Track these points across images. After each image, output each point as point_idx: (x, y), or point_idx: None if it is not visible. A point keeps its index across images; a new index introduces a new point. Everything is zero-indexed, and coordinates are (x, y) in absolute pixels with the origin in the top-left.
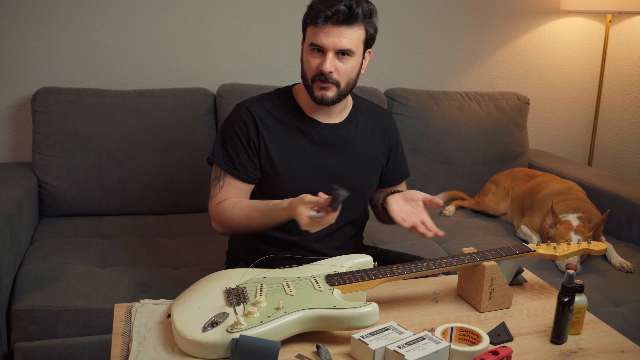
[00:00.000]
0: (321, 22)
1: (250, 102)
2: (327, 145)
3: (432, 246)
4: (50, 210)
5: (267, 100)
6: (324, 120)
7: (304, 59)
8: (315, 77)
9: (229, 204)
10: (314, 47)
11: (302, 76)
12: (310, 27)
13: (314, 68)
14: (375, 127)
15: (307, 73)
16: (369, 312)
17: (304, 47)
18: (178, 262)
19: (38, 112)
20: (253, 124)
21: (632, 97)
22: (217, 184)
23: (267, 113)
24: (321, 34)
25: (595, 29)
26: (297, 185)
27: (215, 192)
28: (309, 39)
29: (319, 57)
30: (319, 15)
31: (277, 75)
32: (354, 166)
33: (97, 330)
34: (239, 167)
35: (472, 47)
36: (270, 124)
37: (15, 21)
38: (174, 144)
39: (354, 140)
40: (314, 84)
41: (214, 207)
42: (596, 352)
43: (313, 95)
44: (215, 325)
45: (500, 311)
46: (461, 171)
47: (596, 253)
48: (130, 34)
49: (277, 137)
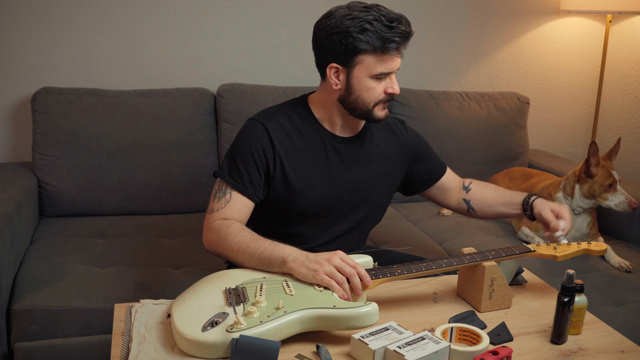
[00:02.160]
0: (394, 51)
1: (265, 118)
2: (342, 159)
3: (432, 246)
4: (50, 210)
5: (282, 114)
6: (340, 133)
7: (364, 87)
8: (380, 101)
9: (237, 225)
10: (382, 75)
11: (355, 102)
12: (371, 56)
13: (379, 93)
14: (389, 138)
15: (369, 100)
16: (368, 312)
17: (358, 76)
18: (178, 262)
19: (38, 112)
20: (269, 143)
21: (632, 97)
22: (222, 198)
23: (283, 130)
24: (389, 62)
25: (595, 29)
26: (312, 201)
27: (218, 206)
28: (372, 69)
29: (382, 82)
30: (390, 45)
31: (277, 75)
32: (368, 179)
33: (97, 330)
34: (248, 183)
35: (472, 47)
36: (286, 141)
37: (15, 21)
38: (174, 144)
39: (369, 153)
40: (376, 106)
41: (216, 221)
42: (596, 352)
43: (373, 117)
44: (215, 325)
45: (500, 311)
46: (461, 171)
47: (596, 253)
48: (130, 34)
49: (292, 155)
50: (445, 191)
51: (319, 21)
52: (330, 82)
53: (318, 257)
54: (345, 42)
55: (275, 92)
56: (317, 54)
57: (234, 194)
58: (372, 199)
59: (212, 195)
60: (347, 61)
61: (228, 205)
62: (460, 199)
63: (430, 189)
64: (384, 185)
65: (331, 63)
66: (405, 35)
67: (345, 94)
